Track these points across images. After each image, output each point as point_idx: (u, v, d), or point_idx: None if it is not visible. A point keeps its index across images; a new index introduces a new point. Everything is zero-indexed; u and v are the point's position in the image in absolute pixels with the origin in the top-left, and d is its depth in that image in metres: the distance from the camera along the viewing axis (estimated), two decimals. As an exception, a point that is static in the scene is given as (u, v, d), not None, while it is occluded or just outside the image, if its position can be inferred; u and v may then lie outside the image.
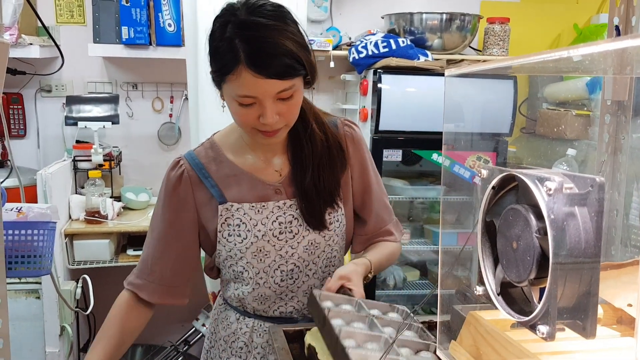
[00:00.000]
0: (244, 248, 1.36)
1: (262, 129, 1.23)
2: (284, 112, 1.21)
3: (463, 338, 0.90)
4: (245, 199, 1.36)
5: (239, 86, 1.16)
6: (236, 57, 1.13)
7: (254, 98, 1.17)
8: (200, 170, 1.36)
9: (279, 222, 1.36)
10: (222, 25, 1.17)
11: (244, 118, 1.22)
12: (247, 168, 1.38)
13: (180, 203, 1.37)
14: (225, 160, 1.38)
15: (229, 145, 1.40)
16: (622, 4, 1.41)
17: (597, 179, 0.62)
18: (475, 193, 2.68)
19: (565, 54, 0.58)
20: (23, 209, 1.46)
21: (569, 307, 0.64)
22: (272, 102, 1.18)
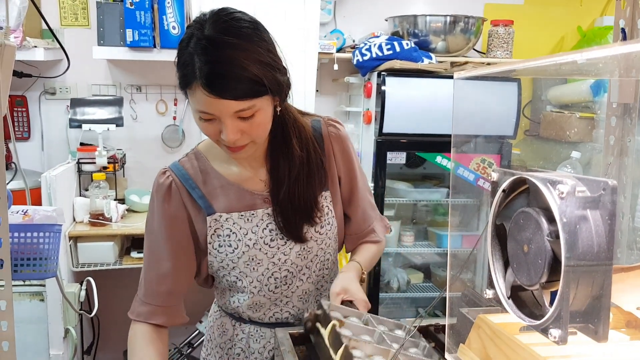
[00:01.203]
0: (236, 258, 1.34)
1: (225, 144, 1.21)
2: (246, 130, 1.18)
3: (472, 341, 0.90)
4: (234, 209, 1.34)
5: (196, 102, 1.14)
6: (193, 73, 1.10)
7: (211, 115, 1.15)
8: (187, 181, 1.33)
9: (269, 230, 1.35)
10: (188, 37, 1.15)
11: (207, 132, 1.20)
12: (234, 178, 1.35)
13: (174, 215, 1.33)
14: (211, 171, 1.35)
15: (215, 155, 1.37)
16: (627, 7, 1.41)
17: (609, 181, 0.62)
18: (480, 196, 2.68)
19: (579, 57, 0.58)
20: (29, 211, 1.47)
21: (581, 310, 0.63)
22: (231, 120, 1.15)
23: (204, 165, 1.36)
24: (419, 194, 2.93)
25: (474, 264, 1.41)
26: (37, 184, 2.41)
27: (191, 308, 3.01)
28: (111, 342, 3.14)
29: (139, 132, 3.11)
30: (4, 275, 1.09)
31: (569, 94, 2.93)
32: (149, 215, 1.36)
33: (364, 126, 2.83)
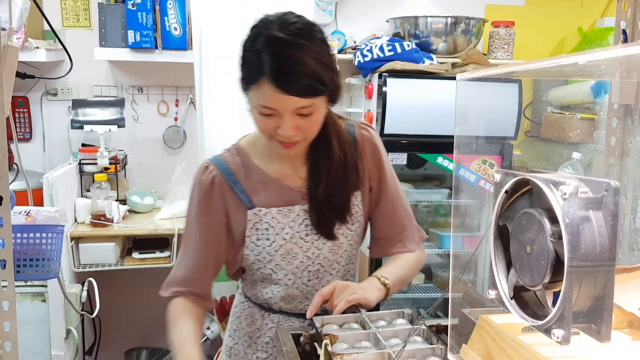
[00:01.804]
0: (273, 251, 1.40)
1: (279, 139, 1.27)
2: (302, 127, 1.24)
3: (474, 342, 0.90)
4: (273, 204, 1.40)
5: (260, 97, 1.21)
6: (261, 69, 1.17)
7: (273, 110, 1.21)
8: (229, 176, 1.39)
9: (305, 225, 1.41)
10: (253, 36, 1.22)
11: (264, 126, 1.27)
12: (275, 174, 1.41)
13: (214, 208, 1.39)
14: (253, 167, 1.41)
15: (256, 151, 1.43)
16: (629, 8, 1.42)
17: (611, 182, 0.62)
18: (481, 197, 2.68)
19: (581, 59, 0.59)
20: (31, 212, 1.47)
21: (583, 310, 0.64)
22: (291, 116, 1.22)
23: (246, 161, 1.41)
24: (420, 195, 2.93)
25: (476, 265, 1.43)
26: (38, 184, 2.41)
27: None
28: (112, 342, 3.15)
29: (140, 133, 3.11)
30: (7, 275, 1.10)
31: (569, 95, 2.94)
32: (189, 205, 1.42)
33: (365, 127, 2.84)
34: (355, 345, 1.17)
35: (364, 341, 1.18)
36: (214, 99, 2.45)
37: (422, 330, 1.22)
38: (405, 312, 1.32)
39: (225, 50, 2.42)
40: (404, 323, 1.28)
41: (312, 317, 1.27)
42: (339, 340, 1.17)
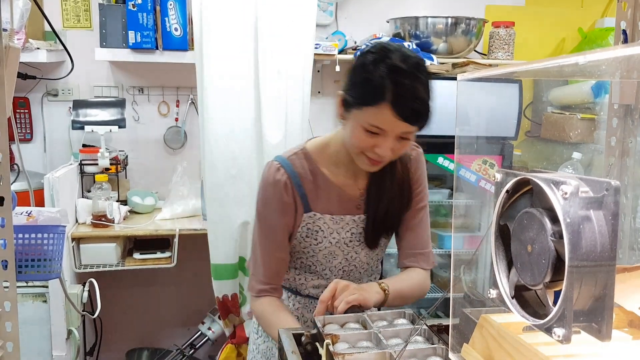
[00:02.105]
0: (318, 249, 1.54)
1: (371, 156, 1.37)
2: (396, 149, 1.36)
3: (475, 341, 0.90)
4: (329, 211, 1.52)
5: (374, 118, 1.30)
6: (383, 94, 1.26)
7: (382, 131, 1.31)
8: (295, 179, 1.49)
9: (351, 233, 1.55)
10: (375, 61, 1.30)
11: (362, 143, 1.35)
12: (338, 182, 1.52)
13: (287, 207, 1.49)
14: (319, 173, 1.51)
15: (324, 158, 1.52)
16: (629, 8, 1.42)
17: (612, 182, 0.62)
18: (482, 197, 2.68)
19: (582, 59, 0.59)
20: (33, 212, 1.47)
21: (584, 309, 0.64)
22: (393, 139, 1.33)
23: (313, 167, 1.51)
24: (421, 195, 2.93)
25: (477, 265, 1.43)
26: (39, 185, 2.41)
27: (193, 309, 3.02)
28: (114, 343, 3.15)
29: (141, 134, 3.12)
30: (9, 276, 1.10)
31: (570, 95, 2.94)
32: (262, 204, 1.53)
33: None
34: (356, 345, 1.17)
35: (365, 341, 1.19)
36: (215, 99, 2.45)
37: (423, 330, 1.23)
38: (406, 312, 1.32)
39: (226, 50, 2.43)
40: (405, 323, 1.29)
41: (314, 317, 1.29)
42: (340, 340, 1.17)
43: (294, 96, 2.52)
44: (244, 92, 2.48)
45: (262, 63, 2.44)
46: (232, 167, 2.49)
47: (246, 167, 2.51)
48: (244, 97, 2.48)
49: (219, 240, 2.56)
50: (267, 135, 2.47)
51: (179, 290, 3.28)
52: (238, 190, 2.51)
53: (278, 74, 2.47)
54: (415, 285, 1.56)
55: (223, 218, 2.52)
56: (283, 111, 2.50)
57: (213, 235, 2.56)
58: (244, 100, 2.48)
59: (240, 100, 2.48)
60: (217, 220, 2.53)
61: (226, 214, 2.52)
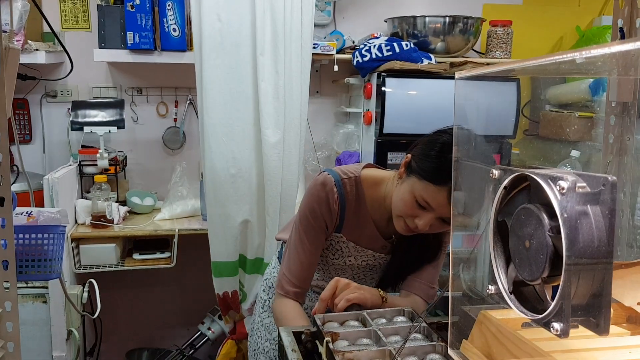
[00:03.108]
0: (331, 262, 1.63)
1: (409, 224, 1.42)
2: (434, 227, 1.40)
3: (475, 337, 0.91)
4: (356, 241, 1.58)
5: (429, 195, 1.35)
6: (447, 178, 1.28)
7: (430, 207, 1.36)
8: (341, 199, 1.53)
9: (367, 263, 1.63)
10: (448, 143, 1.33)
11: (407, 209, 1.40)
12: (375, 220, 1.57)
13: (330, 218, 1.54)
14: (363, 205, 1.55)
15: (372, 194, 1.56)
16: (626, 6, 1.42)
17: (609, 177, 0.63)
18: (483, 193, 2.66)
19: (578, 56, 0.59)
20: (33, 213, 1.48)
21: (582, 304, 0.65)
22: (435, 217, 1.38)
23: (360, 197, 1.56)
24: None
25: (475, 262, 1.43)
26: (39, 186, 2.41)
27: (192, 310, 3.03)
28: (114, 343, 3.15)
29: (140, 134, 3.12)
30: (9, 276, 1.10)
31: (567, 93, 2.94)
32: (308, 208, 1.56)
33: (364, 127, 2.85)
34: (356, 343, 1.18)
35: (365, 339, 1.19)
36: (214, 99, 2.45)
37: (423, 327, 1.23)
38: (405, 310, 1.33)
39: (226, 50, 2.43)
40: (404, 321, 1.29)
41: (314, 315, 1.29)
42: (340, 337, 1.18)
43: (292, 96, 2.53)
44: (243, 91, 2.48)
45: (260, 63, 2.45)
46: (232, 167, 2.50)
47: (245, 167, 2.51)
48: (242, 97, 2.48)
49: (219, 239, 2.56)
50: (266, 134, 2.48)
51: (178, 291, 3.28)
52: (238, 189, 2.51)
53: (277, 74, 2.47)
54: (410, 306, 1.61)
55: (223, 217, 2.53)
56: (282, 111, 2.51)
57: (213, 233, 2.56)
58: (242, 99, 2.49)
59: (239, 100, 2.48)
60: (218, 219, 2.54)
61: (226, 212, 2.52)
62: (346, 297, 1.36)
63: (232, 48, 2.44)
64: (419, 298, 1.62)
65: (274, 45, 2.46)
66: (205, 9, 2.39)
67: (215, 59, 2.42)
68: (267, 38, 2.44)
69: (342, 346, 1.15)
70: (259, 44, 2.44)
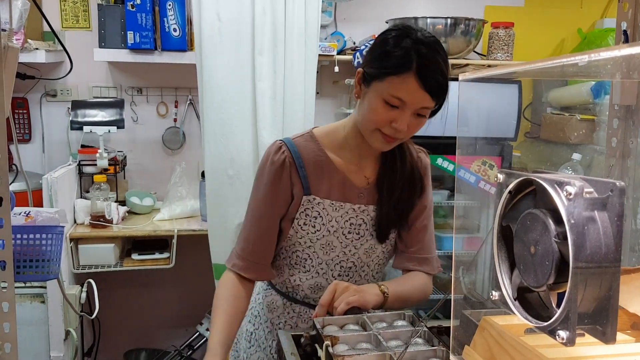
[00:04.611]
0: (315, 239, 1.49)
1: (386, 132, 1.36)
2: (412, 126, 1.35)
3: (477, 343, 0.90)
4: (329, 196, 1.48)
5: (397, 88, 1.30)
6: (408, 64, 1.28)
7: (402, 103, 1.31)
8: (298, 159, 1.47)
9: (350, 223, 1.49)
10: (398, 36, 1.33)
11: (380, 117, 1.34)
12: (342, 168, 1.49)
13: (281, 186, 1.47)
14: (323, 156, 1.49)
15: (330, 142, 1.50)
16: (630, 9, 1.42)
17: (617, 183, 0.62)
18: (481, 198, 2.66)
19: (585, 59, 0.58)
20: (31, 213, 1.47)
21: (588, 312, 0.63)
22: (410, 113, 1.33)
23: (318, 150, 1.49)
24: (420, 196, 2.92)
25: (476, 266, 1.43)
26: (38, 185, 2.40)
27: (191, 310, 3.02)
28: (112, 344, 3.14)
29: (139, 134, 3.11)
30: (7, 276, 1.09)
31: (569, 96, 2.94)
32: (257, 181, 1.51)
33: (365, 128, 2.83)
34: (356, 347, 1.17)
35: (365, 343, 1.18)
36: (214, 99, 2.44)
37: (424, 331, 1.22)
38: (406, 314, 1.32)
39: (226, 51, 2.42)
40: (404, 325, 1.28)
41: (313, 319, 1.28)
42: (339, 341, 1.16)
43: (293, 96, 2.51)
44: (242, 91, 2.47)
45: (258, 62, 2.43)
46: (230, 168, 2.49)
47: (244, 168, 2.50)
48: (242, 97, 2.47)
49: (219, 240, 2.55)
50: (262, 135, 2.46)
51: (177, 291, 3.27)
52: (236, 191, 2.50)
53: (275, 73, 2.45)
54: (416, 289, 1.53)
55: (223, 218, 2.51)
56: (279, 111, 2.49)
57: (213, 235, 2.55)
58: (242, 100, 2.47)
59: (239, 100, 2.47)
60: (217, 221, 2.52)
61: (225, 214, 2.51)
62: (346, 301, 1.34)
63: (232, 48, 2.43)
64: (421, 274, 1.55)
65: (273, 44, 2.44)
66: (206, 8, 2.38)
67: (214, 58, 2.41)
68: (266, 37, 2.43)
69: (342, 350, 1.14)
70: (257, 44, 2.42)
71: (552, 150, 2.98)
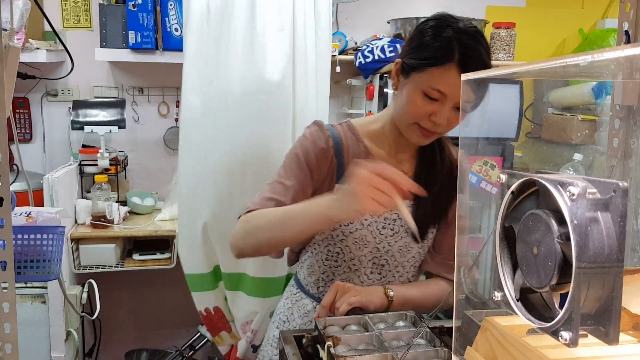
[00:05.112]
0: (348, 232, 1.43)
1: (425, 126, 1.31)
2: (451, 120, 1.30)
3: (479, 344, 0.90)
4: None
5: (438, 80, 1.26)
6: (451, 55, 1.24)
7: (443, 95, 1.26)
8: (337, 145, 1.41)
9: (385, 218, 1.43)
10: (438, 25, 1.29)
11: (419, 109, 1.30)
12: (379, 159, 1.42)
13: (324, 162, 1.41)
14: (361, 145, 1.44)
15: (368, 133, 1.46)
16: (631, 9, 1.41)
17: (620, 183, 0.61)
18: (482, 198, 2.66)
19: (588, 59, 0.58)
20: (32, 213, 1.47)
21: (591, 313, 0.63)
22: (450, 106, 1.28)
23: (356, 139, 1.44)
24: (421, 196, 2.92)
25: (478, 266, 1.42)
26: (39, 185, 2.40)
27: (192, 311, 3.01)
28: (113, 344, 3.14)
29: (141, 134, 3.11)
30: (8, 277, 1.09)
31: (570, 97, 2.93)
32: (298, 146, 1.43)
33: (366, 128, 2.83)
34: (357, 348, 1.17)
35: (367, 343, 1.18)
36: (213, 98, 2.43)
37: (425, 332, 1.22)
38: (407, 315, 1.32)
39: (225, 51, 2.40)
40: (406, 325, 1.28)
41: (315, 319, 1.28)
42: (341, 342, 1.16)
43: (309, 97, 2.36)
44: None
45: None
46: None
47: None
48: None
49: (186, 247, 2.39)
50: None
51: (178, 291, 3.26)
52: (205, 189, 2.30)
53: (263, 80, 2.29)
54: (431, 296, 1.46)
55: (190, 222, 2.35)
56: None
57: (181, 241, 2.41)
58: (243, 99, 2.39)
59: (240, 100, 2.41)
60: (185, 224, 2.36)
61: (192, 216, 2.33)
62: (347, 301, 1.34)
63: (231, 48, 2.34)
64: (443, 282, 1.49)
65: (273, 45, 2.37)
66: None
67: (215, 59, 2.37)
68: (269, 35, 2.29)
69: (344, 351, 1.14)
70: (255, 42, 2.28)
71: (553, 150, 2.97)
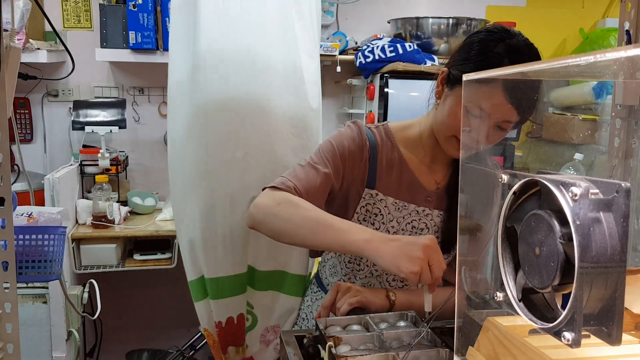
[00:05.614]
0: None
1: None
2: (491, 137, 1.27)
3: (481, 344, 0.90)
4: (395, 194, 1.39)
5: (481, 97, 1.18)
6: None
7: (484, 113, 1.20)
8: (372, 148, 1.39)
9: (413, 226, 1.41)
10: (492, 40, 1.24)
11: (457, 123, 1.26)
12: (413, 167, 1.41)
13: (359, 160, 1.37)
14: (396, 151, 1.41)
15: (405, 138, 1.43)
16: (632, 9, 1.41)
17: (622, 184, 0.61)
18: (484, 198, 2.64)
19: (590, 59, 0.58)
20: (33, 213, 1.47)
21: (594, 313, 0.63)
22: (492, 124, 1.24)
23: (391, 143, 1.41)
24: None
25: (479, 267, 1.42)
26: (40, 185, 2.40)
27: (193, 311, 3.01)
28: (114, 344, 3.14)
29: (141, 134, 3.11)
30: (9, 277, 1.09)
31: (571, 96, 2.93)
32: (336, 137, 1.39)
33: (367, 128, 2.84)
34: (359, 348, 1.17)
35: (368, 343, 1.18)
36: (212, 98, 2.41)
37: (427, 332, 1.22)
38: (408, 314, 1.31)
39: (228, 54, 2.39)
40: (407, 325, 1.28)
41: (316, 319, 1.28)
42: (342, 342, 1.16)
43: None
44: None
45: None
46: None
47: None
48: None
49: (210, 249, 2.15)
50: None
51: (179, 292, 3.26)
52: None
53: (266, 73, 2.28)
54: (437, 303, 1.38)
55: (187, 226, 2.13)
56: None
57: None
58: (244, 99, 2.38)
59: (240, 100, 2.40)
60: None
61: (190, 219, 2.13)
62: (348, 301, 1.34)
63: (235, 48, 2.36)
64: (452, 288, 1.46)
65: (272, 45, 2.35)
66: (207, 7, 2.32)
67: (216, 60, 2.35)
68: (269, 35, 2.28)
69: (345, 351, 1.14)
70: None
71: (554, 150, 2.97)
